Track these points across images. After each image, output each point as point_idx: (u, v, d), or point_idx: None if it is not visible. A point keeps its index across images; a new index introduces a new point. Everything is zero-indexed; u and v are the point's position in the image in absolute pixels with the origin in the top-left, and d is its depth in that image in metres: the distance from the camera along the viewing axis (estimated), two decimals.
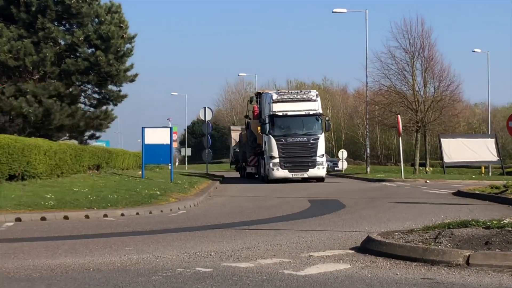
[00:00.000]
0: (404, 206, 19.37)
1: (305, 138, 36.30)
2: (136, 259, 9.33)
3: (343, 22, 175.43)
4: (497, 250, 8.65)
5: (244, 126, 50.79)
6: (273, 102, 36.56)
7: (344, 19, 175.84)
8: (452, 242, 9.22)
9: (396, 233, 10.37)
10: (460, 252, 8.57)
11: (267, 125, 36.48)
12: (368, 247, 9.80)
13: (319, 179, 37.14)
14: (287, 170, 35.84)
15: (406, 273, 8.13)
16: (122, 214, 17.50)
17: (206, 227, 14.16)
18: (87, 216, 16.80)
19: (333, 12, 51.03)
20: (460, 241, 9.26)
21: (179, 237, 12.11)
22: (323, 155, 36.97)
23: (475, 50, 62.40)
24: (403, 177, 38.99)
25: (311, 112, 36.58)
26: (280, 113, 36.25)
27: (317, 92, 38.50)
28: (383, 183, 36.19)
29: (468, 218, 11.68)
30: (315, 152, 35.99)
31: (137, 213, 17.93)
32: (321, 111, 37.33)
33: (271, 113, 36.43)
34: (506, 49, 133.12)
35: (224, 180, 43.69)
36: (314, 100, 37.01)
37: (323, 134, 36.84)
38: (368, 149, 52.74)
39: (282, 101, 36.64)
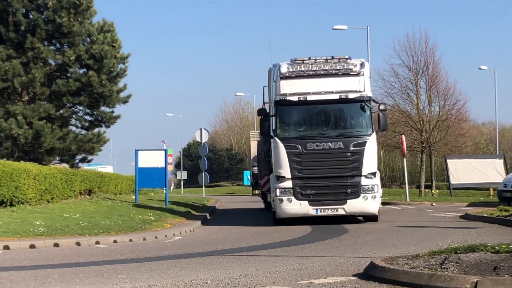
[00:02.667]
0: (409, 230, 19.32)
1: (340, 143, 21.74)
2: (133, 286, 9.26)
3: (343, 39, 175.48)
4: (506, 276, 8.60)
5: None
6: (282, 79, 22.27)
7: (345, 36, 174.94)
8: (459, 268, 9.17)
9: (401, 259, 10.32)
10: (468, 278, 8.51)
11: (272, 120, 22.80)
12: (372, 274, 9.74)
13: (370, 218, 23.08)
14: (307, 202, 21.73)
15: None
16: (115, 241, 17.46)
17: (203, 254, 14.10)
18: (78, 243, 16.75)
19: (333, 29, 50.53)
20: (467, 266, 9.22)
21: (174, 264, 12.07)
22: (374, 173, 22.27)
23: (482, 67, 62.27)
24: (408, 200, 38.90)
25: (351, 95, 22.02)
26: (294, 98, 22.03)
27: (363, 61, 22.98)
28: (388, 206, 35.42)
29: (476, 242, 11.64)
30: (359, 168, 21.69)
31: (131, 240, 17.89)
32: (370, 94, 22.59)
33: (277, 97, 22.29)
34: None
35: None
36: (357, 73, 22.27)
37: (374, 135, 22.24)
38: None
39: (297, 76, 22.24)
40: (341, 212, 22.10)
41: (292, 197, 21.90)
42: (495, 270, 8.90)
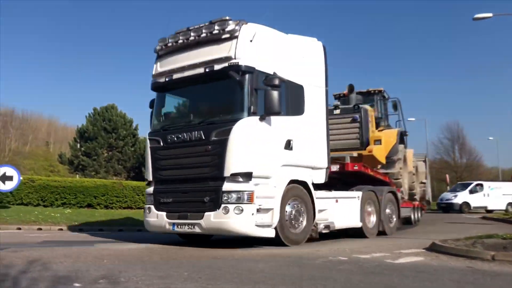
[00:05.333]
0: (452, 225, 18.08)
1: (201, 132, 7.25)
2: (307, 251, 9.22)
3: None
4: (510, 252, 7.96)
5: None
6: (157, 58, 8.29)
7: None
8: (483, 246, 8.57)
9: (449, 240, 9.74)
10: (488, 252, 7.95)
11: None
12: (433, 248, 9.22)
13: (257, 238, 7.62)
14: (164, 214, 8.01)
15: (456, 263, 7.61)
16: None
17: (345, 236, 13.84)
18: None
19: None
20: (488, 246, 8.60)
21: (329, 241, 11.93)
22: (249, 174, 6.90)
23: (490, 138, 57.87)
24: None
25: (217, 67, 7.11)
26: (161, 79, 8.07)
27: (243, 22, 6.90)
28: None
29: (491, 232, 10.80)
30: (220, 165, 6.95)
31: None
32: (250, 63, 6.87)
33: (152, 81, 8.38)
34: None
35: None
36: (229, 37, 6.95)
37: (251, 119, 6.95)
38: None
39: (168, 53, 8.01)
40: (197, 230, 7.96)
41: (152, 206, 8.67)
42: (504, 249, 8.24)
